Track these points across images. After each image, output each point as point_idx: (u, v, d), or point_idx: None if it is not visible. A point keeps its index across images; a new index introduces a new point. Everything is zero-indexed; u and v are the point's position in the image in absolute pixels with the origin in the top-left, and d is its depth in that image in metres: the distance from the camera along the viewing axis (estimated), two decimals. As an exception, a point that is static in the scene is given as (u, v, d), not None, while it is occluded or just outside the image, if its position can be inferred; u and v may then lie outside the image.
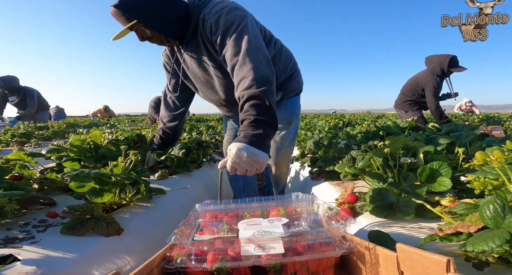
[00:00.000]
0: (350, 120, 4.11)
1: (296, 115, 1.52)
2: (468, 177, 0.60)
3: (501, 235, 0.41)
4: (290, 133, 1.51)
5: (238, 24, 1.07)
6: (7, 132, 2.96)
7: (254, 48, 1.03)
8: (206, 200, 0.78)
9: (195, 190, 1.50)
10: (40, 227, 0.77)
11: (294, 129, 1.55)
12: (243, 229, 0.61)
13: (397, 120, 2.26)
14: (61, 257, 0.62)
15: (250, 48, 1.02)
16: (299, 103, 1.56)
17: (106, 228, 0.77)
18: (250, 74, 0.96)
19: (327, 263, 0.61)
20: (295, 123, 1.53)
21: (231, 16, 1.08)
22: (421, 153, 1.03)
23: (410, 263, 0.47)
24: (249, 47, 1.02)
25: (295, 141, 1.61)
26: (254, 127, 0.88)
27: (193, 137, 2.22)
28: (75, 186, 0.81)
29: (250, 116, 0.91)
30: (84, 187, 0.81)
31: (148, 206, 1.03)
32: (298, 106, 1.55)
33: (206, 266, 0.52)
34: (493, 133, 2.28)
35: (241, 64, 1.00)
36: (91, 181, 0.82)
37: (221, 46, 1.10)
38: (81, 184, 0.81)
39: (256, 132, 0.87)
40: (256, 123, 0.89)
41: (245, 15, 1.11)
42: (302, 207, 0.74)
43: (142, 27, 1.14)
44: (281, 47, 1.40)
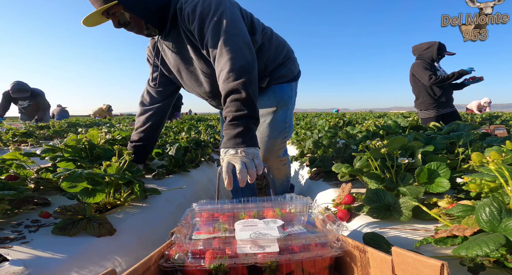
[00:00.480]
0: (350, 120, 4.09)
1: (283, 102, 1.37)
2: (465, 179, 0.58)
3: (496, 239, 0.40)
4: (276, 122, 1.35)
5: (214, 11, 1.03)
6: (8, 132, 2.97)
7: (231, 36, 0.99)
8: (202, 200, 0.78)
9: (192, 190, 1.49)
10: (32, 227, 0.76)
11: (282, 118, 1.38)
12: (239, 230, 0.61)
13: (397, 120, 2.24)
14: (50, 257, 0.61)
15: (227, 37, 0.99)
16: (290, 91, 1.42)
17: (98, 229, 0.76)
18: (227, 66, 0.94)
19: (322, 264, 0.61)
20: (282, 111, 1.38)
21: (207, 4, 1.05)
22: (419, 153, 1.02)
23: (405, 266, 0.47)
24: (226, 37, 0.99)
25: (287, 133, 1.41)
26: (234, 126, 0.88)
27: (192, 136, 2.21)
28: (67, 186, 0.80)
29: (229, 114, 0.90)
30: (76, 187, 0.81)
31: (143, 206, 1.02)
32: (288, 94, 1.41)
33: (204, 264, 0.52)
34: (495, 133, 2.25)
35: (219, 55, 0.98)
36: (84, 181, 0.82)
37: (200, 37, 1.07)
38: (73, 184, 0.80)
39: (237, 131, 0.87)
40: (235, 120, 0.88)
41: (221, 1, 1.07)
42: (297, 208, 0.73)
43: (122, 9, 1.08)
44: (271, 35, 1.36)
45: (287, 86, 1.40)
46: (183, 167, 1.62)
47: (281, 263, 0.57)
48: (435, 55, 3.06)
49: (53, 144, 1.27)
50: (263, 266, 0.56)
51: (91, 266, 0.66)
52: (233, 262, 0.53)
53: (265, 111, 1.35)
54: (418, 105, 3.33)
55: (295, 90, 1.46)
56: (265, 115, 1.35)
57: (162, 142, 2.04)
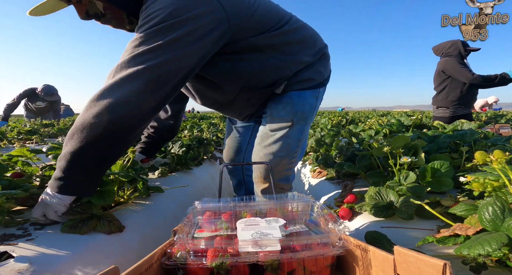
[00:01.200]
0: (353, 118, 4.07)
1: (302, 115, 1.06)
2: (468, 178, 0.58)
3: (498, 238, 0.40)
4: (288, 139, 1.06)
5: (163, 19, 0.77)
6: (13, 129, 3.00)
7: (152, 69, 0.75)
8: (205, 198, 0.78)
9: (195, 188, 1.50)
10: (38, 225, 0.77)
11: (296, 135, 1.07)
12: (241, 229, 0.62)
13: (401, 118, 2.22)
14: (55, 254, 0.62)
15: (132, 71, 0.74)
16: (314, 100, 1.10)
17: (108, 226, 0.77)
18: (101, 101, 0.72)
19: (324, 263, 0.61)
20: (299, 126, 1.07)
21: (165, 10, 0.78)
22: (422, 152, 1.01)
23: (407, 266, 0.46)
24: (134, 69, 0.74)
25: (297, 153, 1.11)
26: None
27: (194, 135, 2.22)
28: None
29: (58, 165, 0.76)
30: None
31: (146, 204, 1.03)
32: (310, 104, 1.08)
33: (206, 263, 0.53)
34: (500, 132, 2.23)
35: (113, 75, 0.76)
36: None
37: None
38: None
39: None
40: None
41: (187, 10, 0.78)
42: (299, 207, 0.73)
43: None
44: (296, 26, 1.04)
45: (310, 93, 1.08)
46: (186, 164, 1.63)
47: (282, 262, 0.57)
48: (463, 51, 2.93)
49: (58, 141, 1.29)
50: (265, 265, 0.56)
51: (94, 264, 0.67)
52: (235, 260, 0.54)
53: (276, 125, 1.07)
54: (436, 102, 3.15)
55: (321, 98, 1.14)
56: (276, 129, 1.07)
57: (165, 140, 2.05)
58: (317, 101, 1.12)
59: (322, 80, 1.11)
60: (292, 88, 1.05)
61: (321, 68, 1.11)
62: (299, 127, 1.07)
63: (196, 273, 0.55)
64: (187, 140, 1.92)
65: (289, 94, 1.06)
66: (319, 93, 1.11)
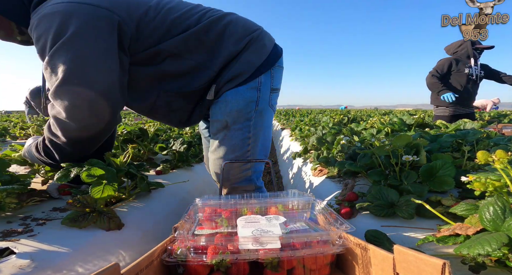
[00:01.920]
0: (355, 117, 4.06)
1: (239, 112, 0.99)
2: (469, 177, 0.58)
3: (498, 238, 0.39)
4: (231, 140, 1.01)
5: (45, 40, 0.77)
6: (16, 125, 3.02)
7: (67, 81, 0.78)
8: (206, 195, 0.79)
9: (196, 184, 1.50)
10: (40, 221, 0.78)
11: (240, 134, 1.01)
12: (242, 226, 0.62)
13: (403, 117, 2.21)
14: (57, 250, 0.62)
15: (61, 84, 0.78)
16: (254, 92, 1.00)
17: (107, 222, 0.77)
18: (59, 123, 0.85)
19: (323, 261, 0.61)
20: (241, 124, 1.00)
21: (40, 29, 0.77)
22: (424, 151, 1.01)
23: (406, 265, 0.46)
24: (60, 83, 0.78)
25: (250, 152, 1.04)
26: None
27: (195, 131, 2.22)
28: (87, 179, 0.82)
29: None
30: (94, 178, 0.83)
31: (146, 201, 1.03)
32: (248, 97, 0.99)
33: (206, 260, 0.53)
34: (503, 132, 2.23)
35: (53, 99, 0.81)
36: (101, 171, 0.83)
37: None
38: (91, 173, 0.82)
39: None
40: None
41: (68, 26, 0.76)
42: (299, 205, 0.73)
43: None
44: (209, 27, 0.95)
45: (246, 87, 0.99)
46: (187, 161, 1.63)
47: (282, 260, 0.57)
48: (470, 51, 2.98)
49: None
50: (265, 262, 0.57)
51: (95, 260, 0.67)
52: (235, 257, 0.54)
53: (216, 129, 1.03)
54: (434, 101, 3.19)
55: (265, 87, 1.02)
56: (216, 133, 1.03)
57: (166, 136, 2.06)
58: (260, 91, 1.01)
59: (255, 68, 0.99)
60: (226, 88, 0.99)
61: (251, 56, 0.99)
62: (240, 126, 1.00)
63: (196, 270, 0.55)
64: (188, 137, 1.92)
65: (224, 95, 0.99)
66: (260, 82, 1.01)
